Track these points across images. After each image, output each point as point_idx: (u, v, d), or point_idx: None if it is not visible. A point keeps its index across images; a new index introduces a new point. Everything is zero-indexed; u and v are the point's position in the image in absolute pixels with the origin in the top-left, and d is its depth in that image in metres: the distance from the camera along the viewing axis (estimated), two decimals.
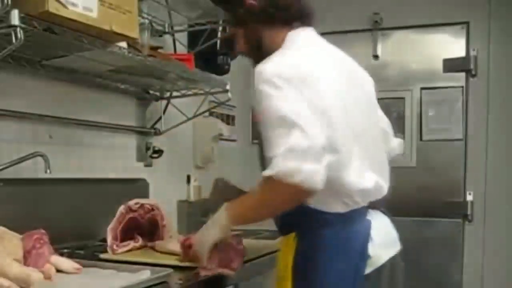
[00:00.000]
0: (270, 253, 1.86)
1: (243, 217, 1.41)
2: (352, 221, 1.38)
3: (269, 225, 1.77)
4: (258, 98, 1.31)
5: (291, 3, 1.46)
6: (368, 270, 1.36)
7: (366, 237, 1.38)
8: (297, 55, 1.39)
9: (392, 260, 1.44)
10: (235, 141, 3.25)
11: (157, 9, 2.35)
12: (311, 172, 1.21)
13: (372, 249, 1.37)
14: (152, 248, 1.79)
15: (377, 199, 1.46)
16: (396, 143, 1.72)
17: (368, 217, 1.43)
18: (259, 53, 1.44)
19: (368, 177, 1.40)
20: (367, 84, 1.60)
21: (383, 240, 1.42)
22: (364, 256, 1.36)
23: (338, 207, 1.37)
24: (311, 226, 1.37)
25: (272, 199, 1.32)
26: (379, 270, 1.39)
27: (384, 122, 1.68)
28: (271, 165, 1.24)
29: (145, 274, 1.37)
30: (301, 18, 1.46)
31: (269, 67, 1.31)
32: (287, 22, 1.45)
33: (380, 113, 1.66)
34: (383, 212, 1.52)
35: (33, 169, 1.80)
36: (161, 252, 1.74)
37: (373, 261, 1.37)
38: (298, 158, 1.21)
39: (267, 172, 1.24)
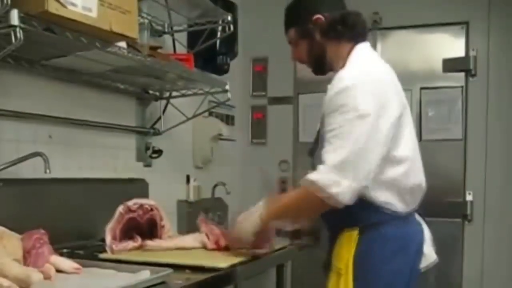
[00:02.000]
0: (270, 253, 1.86)
1: (275, 214, 1.60)
2: (409, 222, 1.56)
3: None
4: (333, 105, 1.45)
5: (357, 21, 1.60)
6: (422, 265, 1.55)
7: (421, 236, 1.56)
8: (371, 65, 1.58)
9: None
10: (234, 141, 3.25)
11: (156, 9, 2.35)
12: (347, 188, 1.39)
13: (426, 248, 1.55)
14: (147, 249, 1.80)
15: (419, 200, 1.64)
16: None
17: (418, 219, 1.61)
18: (321, 63, 1.63)
19: (421, 176, 1.65)
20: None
21: (429, 239, 1.60)
22: (420, 253, 1.53)
23: (399, 206, 1.52)
24: (375, 223, 1.49)
25: (302, 204, 1.51)
26: (428, 266, 1.57)
27: None
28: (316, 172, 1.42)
29: (145, 274, 1.37)
30: (362, 36, 1.62)
31: (351, 76, 1.47)
32: (352, 38, 1.59)
33: None
34: (420, 215, 1.67)
35: (32, 169, 1.80)
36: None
37: (427, 258, 1.56)
38: (340, 173, 1.39)
39: (311, 177, 1.42)
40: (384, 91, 1.49)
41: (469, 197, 3.03)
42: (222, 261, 1.61)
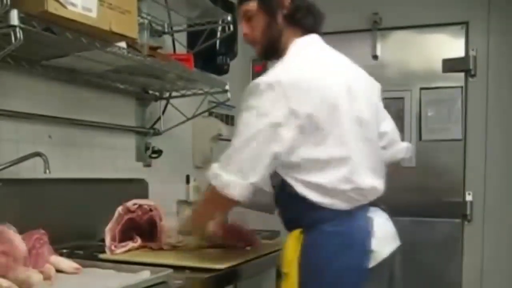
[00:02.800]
0: (270, 253, 1.86)
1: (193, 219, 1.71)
2: (355, 217, 1.44)
3: (269, 225, 1.78)
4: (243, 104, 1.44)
5: (320, 15, 1.56)
6: (371, 264, 1.41)
7: (368, 233, 1.44)
8: (296, 63, 1.47)
9: (392, 255, 1.50)
10: None
11: (156, 9, 2.35)
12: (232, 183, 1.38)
13: (374, 244, 1.42)
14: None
15: (375, 198, 1.52)
16: (402, 146, 1.78)
17: (369, 214, 1.48)
18: (273, 48, 1.53)
19: (366, 177, 1.47)
20: (371, 89, 1.65)
21: (384, 235, 1.48)
22: (367, 250, 1.41)
23: (342, 205, 1.43)
24: (316, 222, 1.43)
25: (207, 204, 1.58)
26: (381, 264, 1.44)
27: (390, 126, 1.74)
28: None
29: (145, 274, 1.37)
30: (317, 28, 1.56)
31: (265, 78, 1.43)
32: (307, 29, 1.52)
33: (387, 117, 1.74)
34: (383, 209, 1.57)
35: (32, 169, 1.80)
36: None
37: (376, 255, 1.42)
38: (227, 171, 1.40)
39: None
40: (299, 94, 1.39)
41: (468, 197, 3.03)
42: (222, 261, 1.61)
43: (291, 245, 1.46)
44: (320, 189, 1.42)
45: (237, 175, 1.38)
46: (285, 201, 1.52)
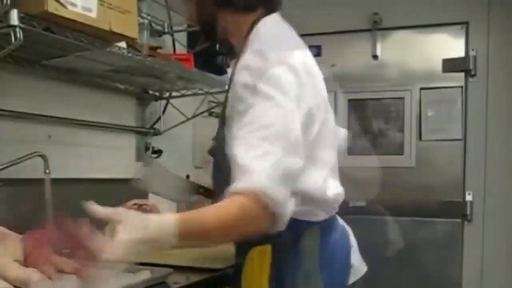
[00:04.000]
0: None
1: (198, 238, 1.07)
2: (331, 229, 1.26)
3: None
4: (242, 95, 1.13)
5: None
6: (351, 280, 1.27)
7: (347, 245, 1.28)
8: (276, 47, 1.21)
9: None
10: None
11: (156, 9, 2.35)
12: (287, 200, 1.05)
13: (354, 258, 1.28)
14: None
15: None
16: (341, 135, 1.48)
17: (341, 223, 1.33)
18: (210, 32, 1.36)
19: (335, 183, 1.29)
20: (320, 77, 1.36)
21: (356, 246, 1.35)
22: (348, 266, 1.26)
23: (318, 216, 1.23)
24: (289, 237, 1.17)
25: (242, 221, 1.02)
26: (360, 279, 1.31)
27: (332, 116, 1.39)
28: (250, 179, 1.01)
29: (145, 274, 1.37)
30: (265, 3, 1.30)
31: (257, 61, 1.14)
32: (249, 8, 1.29)
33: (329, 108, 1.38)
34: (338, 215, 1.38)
35: (32, 169, 1.80)
36: None
37: (355, 270, 1.28)
38: (288, 183, 1.04)
39: (247, 186, 1.01)
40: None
41: (468, 197, 3.03)
42: (222, 261, 1.61)
43: (257, 264, 1.20)
44: (298, 195, 1.14)
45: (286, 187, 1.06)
46: None
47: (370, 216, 2.90)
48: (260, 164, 1.01)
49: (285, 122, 1.07)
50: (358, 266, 1.31)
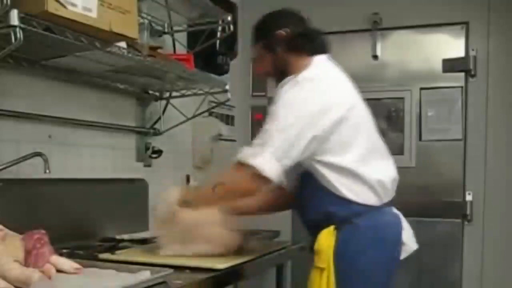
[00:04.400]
0: (269, 253, 1.86)
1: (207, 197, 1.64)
2: (384, 213, 1.60)
3: (269, 225, 1.76)
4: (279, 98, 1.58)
5: (317, 35, 1.71)
6: (403, 255, 1.59)
7: (399, 226, 1.60)
8: (318, 72, 1.64)
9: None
10: (234, 141, 3.25)
11: (156, 9, 2.35)
12: (266, 160, 1.47)
13: (405, 237, 1.59)
14: None
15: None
16: None
17: (394, 211, 1.65)
18: (283, 75, 1.67)
19: (392, 169, 1.67)
20: None
21: (410, 230, 1.64)
22: (399, 243, 1.58)
23: (371, 200, 1.58)
24: (349, 217, 1.56)
25: (233, 181, 1.57)
26: (410, 256, 1.61)
27: None
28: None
29: (145, 274, 1.37)
30: (322, 48, 1.71)
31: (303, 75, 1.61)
32: (312, 51, 1.68)
33: None
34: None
35: (32, 169, 1.80)
36: None
37: (407, 248, 1.60)
38: (262, 149, 1.49)
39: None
40: (329, 90, 1.60)
41: (468, 197, 3.03)
42: (222, 261, 1.61)
43: (326, 241, 1.56)
44: (353, 182, 1.57)
45: (274, 156, 1.48)
46: (315, 196, 1.62)
47: None
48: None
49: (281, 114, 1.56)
50: (409, 243, 1.62)
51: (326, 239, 1.57)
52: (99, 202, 2.11)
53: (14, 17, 1.34)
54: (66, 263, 1.42)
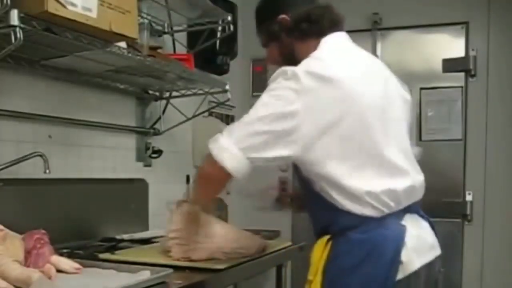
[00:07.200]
0: (270, 253, 1.86)
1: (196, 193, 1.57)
2: (385, 226, 1.36)
3: (269, 225, 1.76)
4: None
5: (322, 15, 1.51)
6: (399, 276, 1.32)
7: (399, 242, 1.35)
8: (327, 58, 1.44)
9: (428, 267, 1.41)
10: None
11: (156, 9, 2.35)
12: (224, 147, 1.36)
13: (404, 255, 1.34)
14: None
15: (413, 202, 1.49)
16: (416, 151, 1.74)
17: (404, 222, 1.40)
18: (292, 63, 1.44)
19: (396, 179, 1.43)
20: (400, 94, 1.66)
21: (417, 245, 1.39)
22: (396, 261, 1.33)
23: (368, 211, 1.36)
24: (344, 229, 1.37)
25: (202, 171, 1.47)
26: (410, 276, 1.34)
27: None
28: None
29: (145, 274, 1.37)
30: (332, 27, 1.52)
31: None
32: (320, 34, 1.50)
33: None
34: (422, 216, 1.52)
35: (32, 169, 1.80)
36: None
37: (405, 267, 1.33)
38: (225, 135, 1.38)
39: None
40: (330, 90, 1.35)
41: (469, 197, 3.03)
42: (222, 261, 1.61)
43: (318, 252, 1.40)
44: (348, 193, 1.36)
45: (236, 145, 1.34)
46: (313, 206, 1.49)
47: None
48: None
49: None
50: (409, 263, 1.34)
51: (318, 250, 1.40)
52: (99, 202, 2.11)
53: (14, 17, 1.34)
54: (66, 263, 1.42)
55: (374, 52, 3.19)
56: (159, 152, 2.53)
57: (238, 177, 1.36)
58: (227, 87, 2.42)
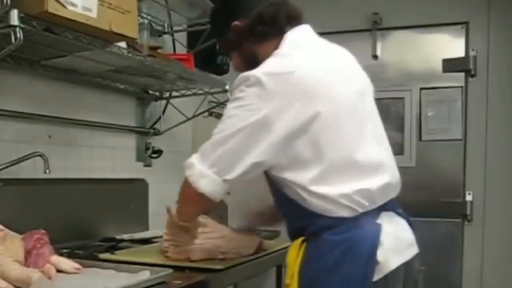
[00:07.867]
0: (270, 253, 1.86)
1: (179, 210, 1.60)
2: (359, 225, 1.32)
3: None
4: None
5: (276, 13, 1.43)
6: (376, 276, 1.29)
7: (374, 242, 1.31)
8: (291, 56, 1.37)
9: (406, 266, 1.39)
10: None
11: (156, 9, 2.35)
12: (197, 172, 1.40)
13: (380, 254, 1.30)
14: None
15: (389, 199, 1.42)
16: None
17: (379, 220, 1.36)
18: (257, 66, 1.39)
19: (369, 178, 1.36)
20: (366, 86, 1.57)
21: (393, 244, 1.35)
22: (372, 261, 1.29)
23: (342, 212, 1.32)
24: (317, 231, 1.32)
25: (183, 192, 1.51)
26: (387, 276, 1.31)
27: None
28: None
29: (145, 274, 1.37)
30: (291, 23, 1.44)
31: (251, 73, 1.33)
32: (279, 32, 1.43)
33: None
34: (399, 214, 1.46)
35: (32, 169, 1.80)
36: None
37: (382, 267, 1.30)
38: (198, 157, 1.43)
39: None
40: (293, 89, 1.29)
41: (469, 197, 3.03)
42: (222, 261, 1.61)
43: (292, 255, 1.36)
44: (320, 196, 1.31)
45: (211, 169, 1.36)
46: (286, 211, 1.44)
47: None
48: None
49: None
50: (386, 262, 1.31)
51: (293, 253, 1.36)
52: (99, 202, 2.10)
53: (14, 17, 1.34)
54: (66, 263, 1.42)
55: (374, 52, 3.19)
56: (159, 152, 2.53)
57: (217, 199, 1.40)
58: (227, 87, 2.42)
